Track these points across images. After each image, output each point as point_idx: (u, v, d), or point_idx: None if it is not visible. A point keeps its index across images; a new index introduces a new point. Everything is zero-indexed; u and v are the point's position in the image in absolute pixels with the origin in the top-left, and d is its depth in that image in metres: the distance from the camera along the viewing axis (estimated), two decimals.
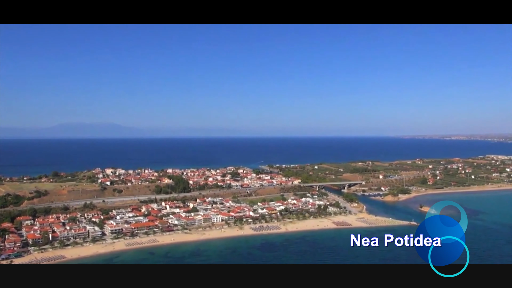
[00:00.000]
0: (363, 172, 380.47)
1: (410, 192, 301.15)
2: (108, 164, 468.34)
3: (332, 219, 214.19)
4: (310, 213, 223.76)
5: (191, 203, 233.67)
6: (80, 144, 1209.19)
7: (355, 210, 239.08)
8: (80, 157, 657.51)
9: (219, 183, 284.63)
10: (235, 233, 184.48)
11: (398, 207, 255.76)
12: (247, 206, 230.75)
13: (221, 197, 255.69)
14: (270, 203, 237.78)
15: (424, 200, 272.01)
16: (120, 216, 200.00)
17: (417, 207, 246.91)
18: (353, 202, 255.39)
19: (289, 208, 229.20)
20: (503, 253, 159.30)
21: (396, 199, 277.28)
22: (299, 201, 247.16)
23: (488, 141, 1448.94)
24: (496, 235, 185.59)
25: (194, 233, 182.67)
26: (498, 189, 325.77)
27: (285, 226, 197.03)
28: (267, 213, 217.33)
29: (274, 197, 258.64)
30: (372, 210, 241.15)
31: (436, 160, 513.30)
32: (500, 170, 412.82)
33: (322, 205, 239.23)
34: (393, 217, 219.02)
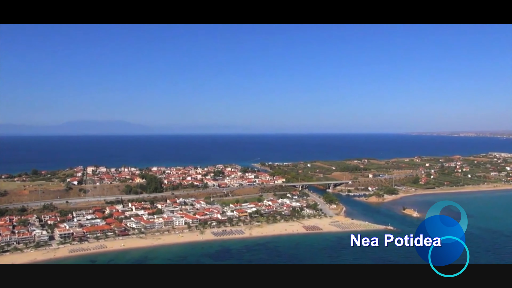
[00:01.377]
0: (353, 171, 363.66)
1: (398, 193, 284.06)
2: (103, 161, 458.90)
3: (304, 222, 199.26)
4: (282, 215, 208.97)
5: (160, 204, 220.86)
6: (86, 141, 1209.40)
7: (332, 212, 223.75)
8: (79, 154, 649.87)
9: (195, 183, 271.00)
10: (194, 238, 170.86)
11: (380, 209, 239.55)
12: (217, 207, 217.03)
13: (195, 197, 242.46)
14: (243, 205, 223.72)
15: (410, 202, 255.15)
16: (78, 218, 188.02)
17: (400, 209, 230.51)
18: (333, 203, 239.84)
19: (261, 210, 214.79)
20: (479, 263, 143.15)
21: (380, 200, 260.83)
22: (274, 202, 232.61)
23: (497, 138, 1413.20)
24: (476, 241, 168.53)
25: (149, 237, 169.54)
26: (493, 189, 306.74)
27: (250, 231, 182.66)
28: (236, 216, 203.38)
29: (250, 198, 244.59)
30: (351, 213, 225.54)
31: (435, 158, 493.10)
32: (499, 169, 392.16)
33: (297, 207, 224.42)
34: (370, 221, 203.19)
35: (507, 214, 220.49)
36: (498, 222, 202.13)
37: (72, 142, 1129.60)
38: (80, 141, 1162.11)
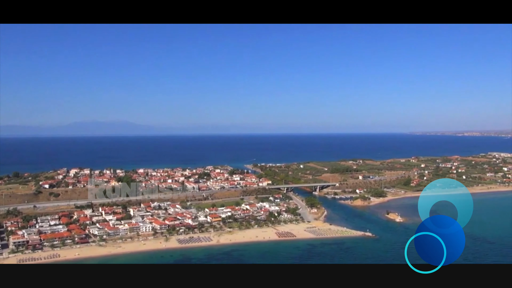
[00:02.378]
0: (344, 172, 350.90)
1: (386, 195, 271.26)
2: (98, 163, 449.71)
3: (279, 228, 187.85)
4: (258, 220, 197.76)
5: (132, 208, 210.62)
6: (90, 142, 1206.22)
7: (312, 216, 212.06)
8: (77, 156, 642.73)
9: (175, 186, 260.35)
10: (156, 246, 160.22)
11: (363, 213, 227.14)
12: (191, 212, 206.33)
13: (172, 201, 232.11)
14: (219, 209, 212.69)
15: (396, 205, 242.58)
16: (40, 224, 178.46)
17: (384, 214, 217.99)
18: (314, 207, 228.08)
19: (237, 215, 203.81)
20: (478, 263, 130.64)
21: (366, 203, 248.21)
22: (253, 206, 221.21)
23: (501, 137, 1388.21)
24: None
25: (109, 245, 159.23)
26: (487, 191, 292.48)
27: (219, 238, 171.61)
28: (208, 221, 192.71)
29: (229, 202, 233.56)
30: (332, 217, 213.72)
31: (432, 159, 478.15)
32: (496, 169, 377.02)
33: (275, 211, 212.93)
34: (350, 226, 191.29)
35: (494, 219, 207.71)
36: (483, 227, 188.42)
37: (76, 143, 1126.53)
38: (84, 142, 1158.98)
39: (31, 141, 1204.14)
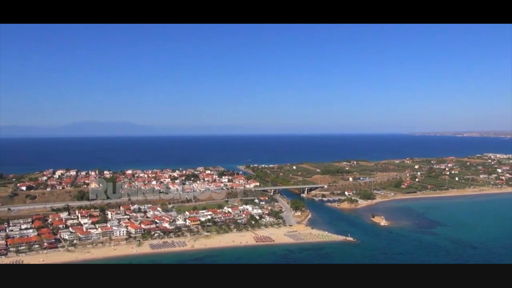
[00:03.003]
0: (335, 174, 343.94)
1: (375, 197, 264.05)
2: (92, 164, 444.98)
3: (259, 232, 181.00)
4: (238, 224, 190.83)
5: (110, 211, 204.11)
6: (88, 142, 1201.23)
7: (295, 220, 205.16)
8: (73, 156, 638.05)
9: (157, 187, 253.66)
10: (127, 251, 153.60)
11: (349, 216, 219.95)
12: (170, 215, 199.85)
13: (153, 203, 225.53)
14: (200, 212, 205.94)
15: (383, 208, 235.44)
16: (10, 228, 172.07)
17: (369, 217, 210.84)
18: (298, 210, 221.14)
19: (217, 218, 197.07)
20: None
21: (353, 206, 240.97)
22: (235, 209, 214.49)
23: (500, 138, 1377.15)
24: (439, 255, 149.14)
25: (78, 251, 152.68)
26: (478, 194, 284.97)
27: (194, 242, 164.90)
28: (187, 225, 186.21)
29: (212, 204, 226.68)
30: (315, 221, 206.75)
31: (427, 160, 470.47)
32: (490, 171, 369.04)
33: (257, 214, 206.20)
34: (332, 230, 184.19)
35: (482, 222, 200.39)
36: (470, 231, 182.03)
37: (75, 143, 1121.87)
38: (83, 143, 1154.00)
39: (31, 142, 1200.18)
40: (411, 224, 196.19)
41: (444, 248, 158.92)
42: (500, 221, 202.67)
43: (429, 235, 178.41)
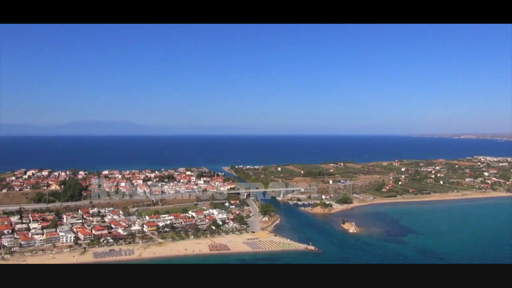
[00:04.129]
0: (317, 176, 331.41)
1: (352, 202, 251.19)
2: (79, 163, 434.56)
3: (217, 239, 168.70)
4: (198, 230, 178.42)
5: (66, 215, 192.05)
6: (84, 141, 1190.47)
7: (260, 226, 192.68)
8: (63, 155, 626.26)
9: (123, 189, 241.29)
10: (66, 260, 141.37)
11: (319, 222, 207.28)
12: (127, 220, 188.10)
13: (117, 206, 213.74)
14: (162, 216, 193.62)
15: (358, 213, 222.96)
16: None
17: (340, 223, 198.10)
18: (267, 214, 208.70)
19: (177, 224, 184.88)
20: None
21: (326, 211, 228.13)
22: (199, 213, 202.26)
23: (496, 140, 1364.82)
24: None
25: (14, 258, 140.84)
26: (460, 198, 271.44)
27: (144, 250, 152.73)
28: (143, 230, 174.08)
29: (175, 208, 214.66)
30: (282, 227, 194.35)
31: (415, 162, 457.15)
32: (477, 174, 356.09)
33: (222, 219, 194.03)
34: (295, 238, 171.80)
35: (456, 229, 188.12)
36: (442, 239, 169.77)
37: (70, 142, 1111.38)
38: (77, 142, 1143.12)
39: (27, 140, 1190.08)
40: (381, 232, 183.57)
41: (408, 258, 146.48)
42: (475, 228, 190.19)
43: (397, 243, 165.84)
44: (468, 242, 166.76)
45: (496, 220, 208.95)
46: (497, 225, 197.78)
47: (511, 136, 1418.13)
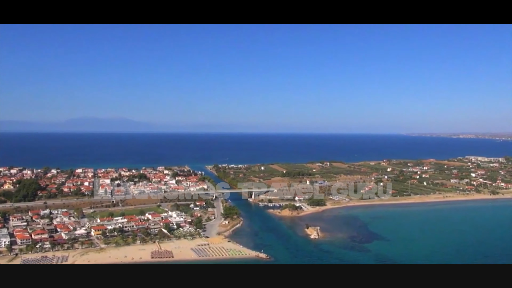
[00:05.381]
0: (296, 176, 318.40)
1: (325, 204, 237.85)
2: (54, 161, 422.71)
3: (166, 245, 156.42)
4: (148, 234, 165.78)
5: (13, 217, 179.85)
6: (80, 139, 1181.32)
7: (217, 230, 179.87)
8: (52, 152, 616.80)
9: (84, 189, 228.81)
10: None
11: (283, 226, 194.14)
12: (74, 222, 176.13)
13: (73, 206, 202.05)
14: (115, 218, 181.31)
15: (327, 217, 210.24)
16: None
17: (303, 228, 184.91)
18: (229, 217, 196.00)
19: (128, 227, 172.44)
20: None
21: (295, 213, 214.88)
22: (156, 216, 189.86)
23: (494, 140, 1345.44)
24: None
25: None
26: (441, 201, 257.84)
27: (80, 257, 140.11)
28: (88, 234, 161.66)
29: (132, 210, 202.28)
30: (241, 231, 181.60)
31: (404, 162, 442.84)
32: (464, 175, 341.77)
33: (179, 222, 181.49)
34: (250, 244, 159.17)
35: (426, 235, 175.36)
36: (408, 247, 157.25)
37: (64, 140, 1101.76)
38: (72, 139, 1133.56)
39: (25, 137, 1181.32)
40: (345, 238, 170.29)
41: None
42: (446, 234, 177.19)
43: (358, 251, 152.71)
44: (434, 249, 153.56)
45: (470, 225, 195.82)
46: (470, 230, 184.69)
47: (510, 136, 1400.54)
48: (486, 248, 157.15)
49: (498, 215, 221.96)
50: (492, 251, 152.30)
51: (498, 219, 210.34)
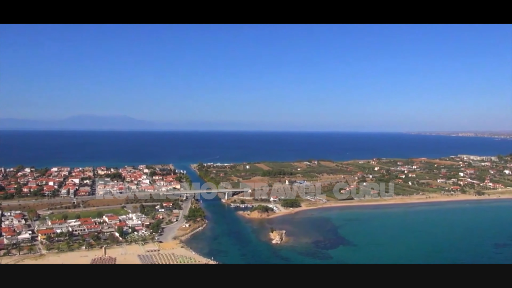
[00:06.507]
0: (277, 175, 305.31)
1: (299, 205, 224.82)
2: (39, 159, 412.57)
3: (113, 250, 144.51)
4: (98, 239, 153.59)
5: None
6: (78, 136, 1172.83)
7: (175, 234, 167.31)
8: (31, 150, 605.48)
9: (45, 190, 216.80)
10: None
11: (247, 229, 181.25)
12: (25, 226, 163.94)
13: (31, 208, 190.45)
14: (69, 221, 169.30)
15: (299, 219, 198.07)
16: None
17: (268, 232, 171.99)
18: (191, 220, 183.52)
19: (78, 231, 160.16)
20: None
21: (264, 215, 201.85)
22: (113, 218, 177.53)
23: (492, 138, 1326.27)
24: None
25: None
26: (423, 202, 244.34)
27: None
28: (29, 239, 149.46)
29: (90, 212, 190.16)
30: (201, 235, 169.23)
31: (394, 160, 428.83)
32: (451, 174, 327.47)
33: (135, 225, 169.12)
34: (203, 251, 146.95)
35: (397, 239, 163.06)
36: (373, 253, 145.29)
37: (65, 137, 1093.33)
38: (72, 137, 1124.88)
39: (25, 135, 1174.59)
40: (309, 243, 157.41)
41: None
42: (418, 238, 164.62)
43: (318, 258, 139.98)
44: (400, 254, 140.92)
45: (446, 228, 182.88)
46: (443, 234, 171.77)
47: (509, 134, 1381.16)
48: (457, 253, 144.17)
49: (477, 217, 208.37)
50: (461, 256, 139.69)
51: (476, 222, 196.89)
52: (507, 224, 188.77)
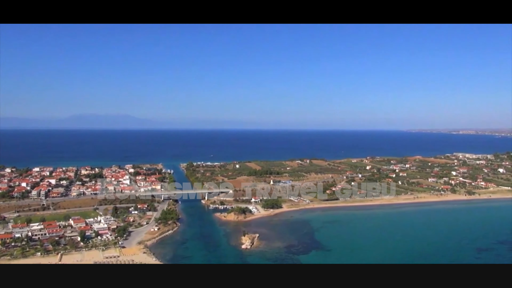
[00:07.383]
0: (263, 175, 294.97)
1: (281, 206, 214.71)
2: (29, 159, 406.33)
3: (69, 256, 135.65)
4: (57, 244, 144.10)
5: None
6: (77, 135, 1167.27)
7: (142, 238, 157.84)
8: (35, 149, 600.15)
9: (15, 191, 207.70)
10: None
11: (220, 232, 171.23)
12: None
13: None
14: (32, 225, 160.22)
15: (277, 222, 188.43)
16: None
17: (240, 235, 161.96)
18: (163, 222, 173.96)
19: (38, 235, 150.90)
20: None
21: (241, 218, 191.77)
22: (78, 222, 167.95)
23: (492, 136, 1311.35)
24: None
25: None
26: (411, 202, 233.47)
27: None
28: None
29: (56, 215, 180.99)
30: (169, 239, 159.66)
31: (387, 159, 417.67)
32: (443, 174, 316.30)
33: (100, 229, 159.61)
34: (167, 257, 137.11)
35: (375, 243, 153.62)
36: (348, 257, 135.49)
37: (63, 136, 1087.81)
38: (71, 136, 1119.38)
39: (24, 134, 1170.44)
40: (281, 247, 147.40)
41: None
42: (397, 242, 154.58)
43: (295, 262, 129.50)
44: (376, 260, 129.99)
45: (428, 231, 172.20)
46: (425, 237, 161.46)
47: (509, 132, 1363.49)
48: (436, 258, 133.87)
49: (462, 219, 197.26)
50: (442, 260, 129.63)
51: (460, 224, 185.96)
52: (493, 226, 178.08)
